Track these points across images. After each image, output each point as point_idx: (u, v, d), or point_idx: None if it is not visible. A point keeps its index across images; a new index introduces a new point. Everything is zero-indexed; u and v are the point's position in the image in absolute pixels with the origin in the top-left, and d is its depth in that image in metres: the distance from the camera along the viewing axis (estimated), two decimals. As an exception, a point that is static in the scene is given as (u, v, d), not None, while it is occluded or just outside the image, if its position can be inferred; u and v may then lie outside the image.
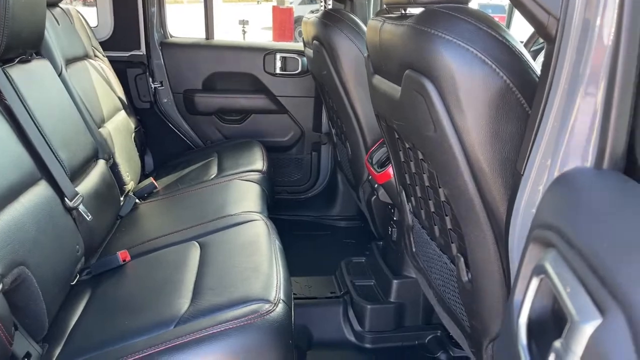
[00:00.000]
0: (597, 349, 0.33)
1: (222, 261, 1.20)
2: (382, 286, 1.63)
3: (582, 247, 0.41)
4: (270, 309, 1.01)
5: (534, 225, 0.52)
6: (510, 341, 0.50)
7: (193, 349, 0.93)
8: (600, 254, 0.39)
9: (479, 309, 1.03)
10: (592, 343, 0.34)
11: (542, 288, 0.47)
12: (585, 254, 0.40)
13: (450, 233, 1.14)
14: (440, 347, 1.53)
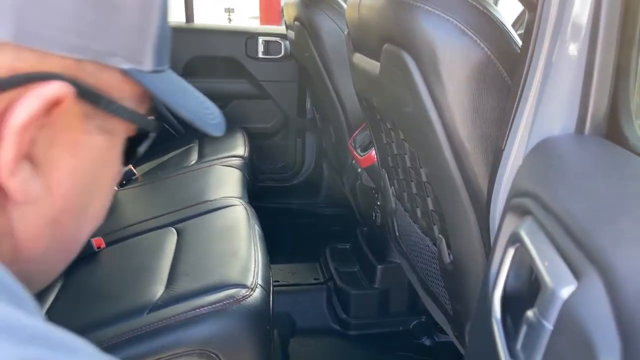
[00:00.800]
0: (571, 316, 0.30)
1: (198, 247, 1.17)
2: (366, 272, 1.60)
3: (559, 212, 0.38)
4: (246, 294, 0.97)
5: (510, 195, 0.49)
6: (484, 316, 0.47)
7: (164, 336, 0.89)
8: (577, 217, 0.36)
9: (461, 291, 1.00)
10: (566, 310, 0.31)
11: (517, 258, 0.44)
12: (562, 218, 0.37)
13: (432, 214, 1.11)
14: (425, 333, 1.51)
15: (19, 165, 0.30)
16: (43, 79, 0.30)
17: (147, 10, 0.35)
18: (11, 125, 0.29)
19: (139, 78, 0.35)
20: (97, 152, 0.35)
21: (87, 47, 0.32)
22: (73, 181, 0.34)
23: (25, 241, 0.34)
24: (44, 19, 0.30)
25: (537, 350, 0.33)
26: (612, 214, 0.34)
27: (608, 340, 0.27)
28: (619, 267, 0.29)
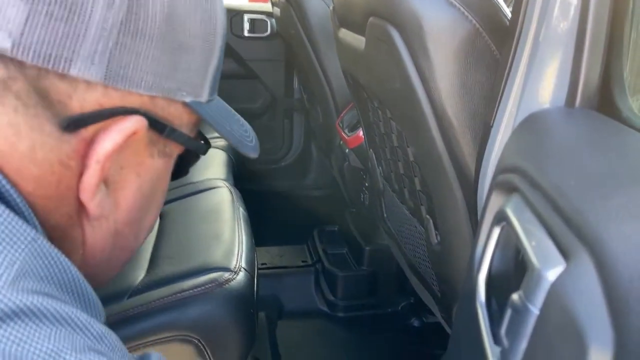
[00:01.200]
0: (558, 299, 0.28)
1: (181, 229, 1.14)
2: (354, 254, 1.58)
3: (547, 188, 0.35)
4: (230, 278, 0.95)
5: (497, 171, 0.46)
6: (469, 299, 0.45)
7: (145, 321, 0.87)
8: (566, 194, 0.33)
9: (448, 272, 0.99)
10: (553, 293, 0.29)
11: (503, 238, 0.41)
12: (550, 194, 0.34)
13: (419, 195, 1.09)
14: (414, 314, 1.50)
15: (98, 187, 0.35)
16: (125, 113, 0.34)
17: (210, 50, 0.39)
18: (98, 155, 0.34)
19: (197, 109, 0.39)
20: (157, 172, 0.40)
21: (162, 85, 0.36)
22: (136, 198, 0.39)
23: (93, 249, 0.39)
24: (130, 63, 0.33)
25: (522, 336, 0.31)
26: (604, 189, 0.32)
27: (599, 328, 0.25)
28: (611, 246, 0.27)
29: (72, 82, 0.32)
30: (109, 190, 0.37)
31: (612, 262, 0.26)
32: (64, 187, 0.34)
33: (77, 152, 0.34)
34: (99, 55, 0.32)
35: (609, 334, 0.25)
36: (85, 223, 0.37)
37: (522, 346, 0.31)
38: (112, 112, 0.34)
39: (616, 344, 0.24)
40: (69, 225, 0.36)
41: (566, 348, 0.27)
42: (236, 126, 0.45)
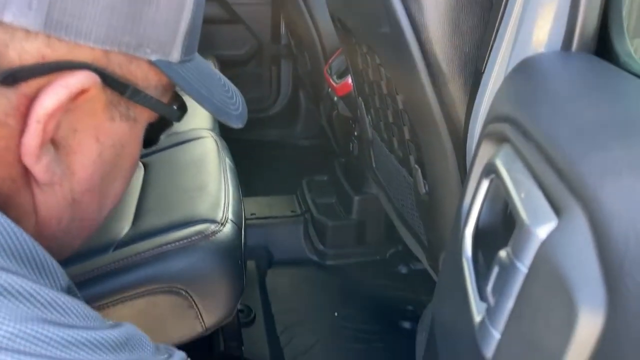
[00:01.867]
0: (548, 258, 0.26)
1: (166, 181, 1.11)
2: (343, 203, 1.58)
3: (539, 138, 0.33)
4: (216, 230, 0.94)
5: (487, 120, 0.44)
6: (455, 253, 0.43)
7: (131, 273, 0.86)
8: (560, 144, 0.31)
9: (435, 222, 0.98)
10: (543, 251, 0.27)
11: (492, 191, 0.40)
12: (543, 145, 0.32)
13: (408, 144, 1.07)
14: (401, 261, 1.51)
15: (44, 149, 0.32)
16: (71, 68, 0.31)
17: (181, 3, 0.35)
18: (38, 113, 0.30)
19: (165, 69, 0.35)
20: (120, 138, 0.36)
21: (117, 39, 0.32)
22: (96, 165, 0.36)
23: (48, 219, 0.36)
24: (75, 11, 0.30)
25: (509, 295, 0.30)
26: (600, 139, 0.30)
27: (591, 290, 0.24)
28: (606, 202, 0.25)
29: (8, 29, 0.29)
30: (59, 154, 0.34)
31: (607, 220, 0.24)
32: (2, 149, 0.31)
33: (17, 109, 0.30)
34: (36, 0, 0.28)
35: (601, 297, 0.23)
36: (35, 189, 0.34)
37: (508, 305, 0.30)
38: (56, 66, 0.30)
39: (608, 309, 0.23)
40: (13, 191, 0.33)
41: (555, 310, 0.25)
42: (218, 90, 0.41)
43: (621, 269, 0.23)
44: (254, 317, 1.29)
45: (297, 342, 1.25)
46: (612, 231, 0.24)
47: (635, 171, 0.26)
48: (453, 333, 0.43)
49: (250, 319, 1.28)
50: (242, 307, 1.30)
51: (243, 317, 1.27)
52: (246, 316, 1.28)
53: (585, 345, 0.24)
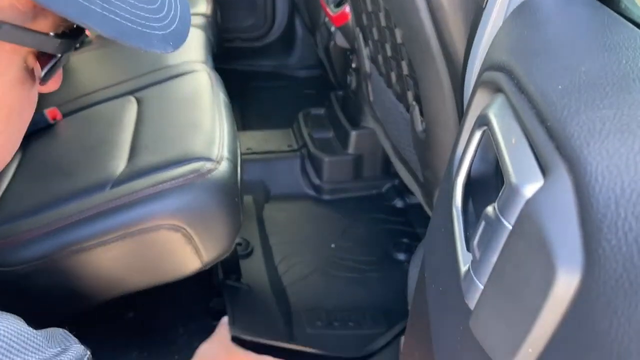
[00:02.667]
0: (532, 216, 0.27)
1: (160, 117, 1.10)
2: (340, 138, 1.57)
3: (533, 92, 0.33)
4: (211, 168, 0.94)
5: (483, 67, 0.43)
6: (446, 199, 0.44)
7: (128, 211, 0.88)
8: (552, 100, 0.30)
9: (432, 159, 0.99)
10: (528, 210, 0.28)
11: (484, 143, 0.39)
12: (535, 100, 0.32)
13: (406, 79, 1.05)
14: (397, 195, 1.53)
15: None
16: None
17: None
18: None
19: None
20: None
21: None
22: None
23: None
24: None
25: (493, 250, 0.30)
26: (592, 96, 0.29)
27: (570, 251, 0.24)
28: (591, 164, 0.25)
29: None
30: None
31: (590, 183, 0.24)
32: None
33: None
34: None
35: (579, 258, 0.24)
36: None
37: (492, 259, 0.31)
38: None
39: (585, 270, 0.24)
40: None
41: (536, 267, 0.26)
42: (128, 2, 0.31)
43: (600, 232, 0.23)
44: (251, 250, 1.32)
45: (294, 271, 1.30)
46: (594, 194, 0.24)
47: (622, 133, 0.26)
48: (441, 277, 0.44)
49: (249, 251, 1.32)
50: (240, 240, 1.33)
51: (241, 250, 1.31)
52: (244, 249, 1.32)
53: (561, 302, 0.25)
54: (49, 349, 0.34)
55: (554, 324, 0.25)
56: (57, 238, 0.87)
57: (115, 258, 0.89)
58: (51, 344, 0.35)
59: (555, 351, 0.26)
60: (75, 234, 0.87)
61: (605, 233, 0.23)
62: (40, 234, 0.88)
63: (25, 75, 0.33)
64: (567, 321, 0.25)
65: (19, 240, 0.88)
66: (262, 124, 1.74)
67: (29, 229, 0.89)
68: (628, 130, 0.26)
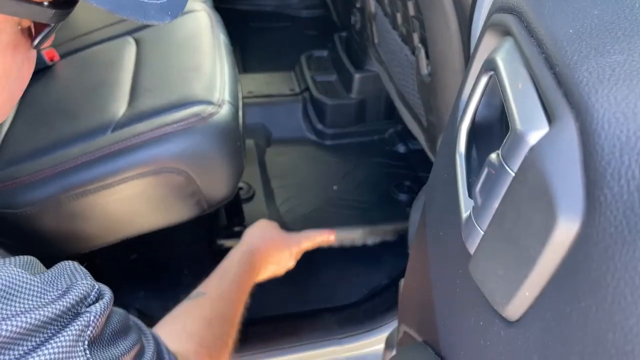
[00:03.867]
0: (536, 164, 0.27)
1: (159, 59, 1.08)
2: (343, 81, 1.55)
3: (543, 35, 0.32)
4: (213, 111, 0.93)
5: (492, 9, 0.41)
6: (450, 144, 0.44)
7: (130, 155, 0.88)
8: (563, 44, 0.30)
9: (436, 104, 0.97)
10: (531, 157, 0.27)
11: (490, 88, 0.39)
12: (545, 44, 0.31)
13: (412, 21, 1.02)
14: (400, 141, 1.53)
15: None
16: None
17: None
18: None
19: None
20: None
21: None
22: None
23: None
24: None
25: (495, 196, 0.31)
26: (602, 41, 0.28)
27: (571, 198, 0.24)
28: (598, 111, 0.25)
29: None
30: None
31: (596, 131, 0.24)
32: None
33: None
34: None
35: (580, 206, 0.24)
36: None
37: (494, 205, 0.31)
38: None
39: (586, 216, 0.24)
40: None
41: (537, 214, 0.26)
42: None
43: (603, 180, 0.23)
44: (253, 193, 1.33)
45: (296, 211, 1.31)
46: (599, 142, 0.24)
47: (631, 80, 0.25)
48: (442, 222, 0.45)
49: (250, 194, 1.33)
50: (242, 184, 1.34)
51: (243, 194, 1.32)
52: (246, 192, 1.33)
53: (560, 248, 0.25)
54: (50, 292, 0.34)
55: (551, 269, 0.26)
56: (61, 180, 0.88)
57: (118, 201, 0.90)
58: (53, 287, 0.35)
59: (552, 295, 0.26)
60: (79, 177, 0.87)
61: (608, 180, 0.23)
62: (44, 177, 0.89)
63: (20, 39, 0.34)
64: (565, 266, 0.25)
65: (24, 182, 0.89)
66: (264, 66, 1.70)
67: (33, 171, 0.89)
68: (638, 77, 0.25)
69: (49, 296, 0.34)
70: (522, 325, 0.28)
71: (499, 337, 0.31)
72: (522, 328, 0.28)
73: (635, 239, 0.21)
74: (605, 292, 0.22)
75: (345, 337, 0.98)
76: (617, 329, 0.21)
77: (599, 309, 0.22)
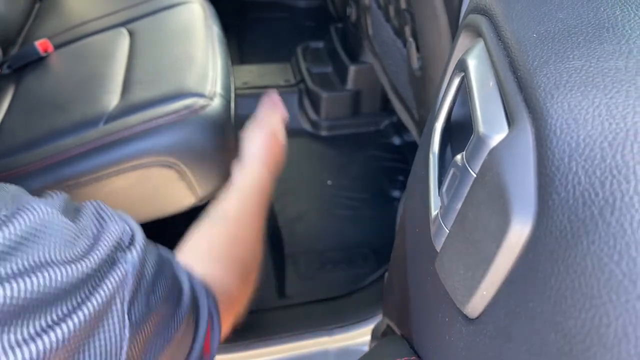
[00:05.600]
0: (493, 166, 0.27)
1: (152, 51, 1.08)
2: (338, 73, 1.55)
3: (509, 38, 0.32)
4: (204, 104, 0.94)
5: (469, 9, 0.42)
6: (426, 144, 0.45)
7: (123, 147, 0.88)
8: (526, 48, 0.30)
9: (426, 98, 0.98)
10: (490, 159, 0.28)
11: (463, 90, 0.39)
12: (511, 47, 0.32)
13: (404, 14, 1.02)
14: (395, 133, 1.53)
15: None
16: None
17: None
18: None
19: None
20: None
21: None
22: None
23: None
24: None
25: (459, 197, 0.31)
26: (565, 46, 0.29)
27: (524, 201, 0.25)
28: (552, 116, 0.25)
29: None
30: None
31: (549, 136, 0.25)
32: None
33: None
34: None
35: (532, 209, 0.25)
36: None
37: (457, 206, 0.32)
38: None
39: (537, 220, 0.25)
40: None
41: (493, 216, 0.27)
42: None
43: (552, 185, 0.24)
44: (248, 185, 1.34)
45: (290, 210, 1.32)
46: (551, 147, 0.25)
47: (585, 87, 0.26)
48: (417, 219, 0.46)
49: (245, 186, 1.34)
50: (237, 175, 1.34)
51: (238, 185, 1.32)
52: (241, 184, 1.33)
53: (513, 250, 0.26)
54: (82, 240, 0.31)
55: (506, 270, 0.27)
56: (54, 173, 0.88)
57: (111, 193, 0.90)
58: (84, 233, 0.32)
59: (507, 294, 0.27)
60: (72, 169, 0.88)
61: (556, 185, 0.23)
62: (37, 168, 0.90)
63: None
64: (518, 267, 0.26)
65: (17, 174, 0.90)
66: (260, 57, 1.70)
67: (26, 163, 0.90)
68: (592, 83, 0.26)
69: (82, 244, 0.31)
70: (481, 322, 0.29)
71: (460, 334, 0.32)
72: (480, 325, 0.29)
73: (577, 243, 0.22)
74: (550, 293, 0.23)
75: (335, 328, 0.99)
76: (558, 329, 0.22)
77: (543, 310, 0.23)
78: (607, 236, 0.21)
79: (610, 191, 0.21)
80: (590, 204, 0.22)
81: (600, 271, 0.21)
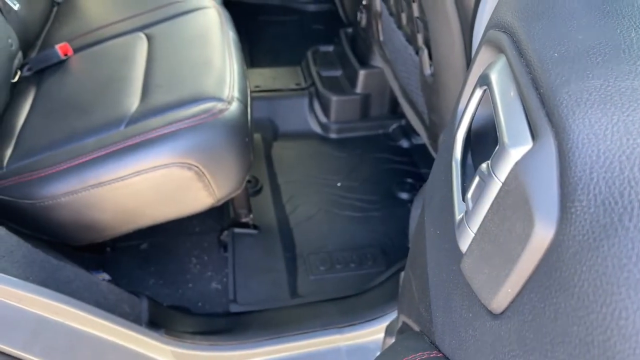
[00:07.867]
0: (519, 177, 0.30)
1: (170, 55, 1.12)
2: (348, 77, 1.58)
3: (531, 57, 0.35)
4: (223, 108, 0.97)
5: (489, 24, 0.45)
6: (448, 150, 0.47)
7: (144, 150, 0.91)
8: (548, 67, 0.33)
9: (438, 103, 1.00)
10: (516, 170, 0.31)
11: (485, 101, 0.42)
12: (533, 65, 0.34)
13: (416, 22, 1.05)
14: (404, 136, 1.56)
15: None
16: None
17: None
18: None
19: None
20: None
21: None
22: None
23: None
24: None
25: (484, 203, 0.34)
26: (584, 65, 0.32)
27: (547, 209, 0.28)
28: (574, 131, 0.28)
29: None
30: None
31: (571, 150, 0.28)
32: None
33: None
34: None
35: (555, 215, 0.28)
36: None
37: (483, 211, 0.34)
38: None
39: (559, 225, 0.27)
40: None
41: (518, 221, 0.30)
42: None
43: (574, 193, 0.27)
44: (261, 187, 1.37)
45: (301, 210, 1.35)
46: (573, 159, 0.27)
47: (604, 104, 0.28)
48: (438, 222, 0.48)
49: (258, 188, 1.37)
50: (250, 178, 1.38)
51: (251, 187, 1.36)
52: (254, 186, 1.37)
53: (537, 251, 0.29)
54: None
55: (530, 270, 0.29)
56: (77, 174, 0.91)
57: (131, 193, 0.93)
58: None
59: (530, 292, 0.30)
60: (95, 171, 0.91)
61: (578, 194, 0.26)
62: (60, 170, 0.93)
63: None
64: (541, 268, 0.29)
65: (41, 175, 0.93)
66: (271, 60, 1.74)
67: (49, 164, 0.93)
68: (610, 101, 0.28)
69: None
70: (505, 318, 0.32)
71: (485, 328, 0.34)
72: (505, 320, 0.32)
73: (598, 245, 0.25)
74: (572, 291, 0.26)
75: (346, 327, 1.02)
76: (581, 322, 0.25)
77: (566, 306, 0.26)
78: (626, 240, 0.24)
79: (628, 200, 0.24)
80: (610, 211, 0.25)
81: (620, 271, 0.23)
